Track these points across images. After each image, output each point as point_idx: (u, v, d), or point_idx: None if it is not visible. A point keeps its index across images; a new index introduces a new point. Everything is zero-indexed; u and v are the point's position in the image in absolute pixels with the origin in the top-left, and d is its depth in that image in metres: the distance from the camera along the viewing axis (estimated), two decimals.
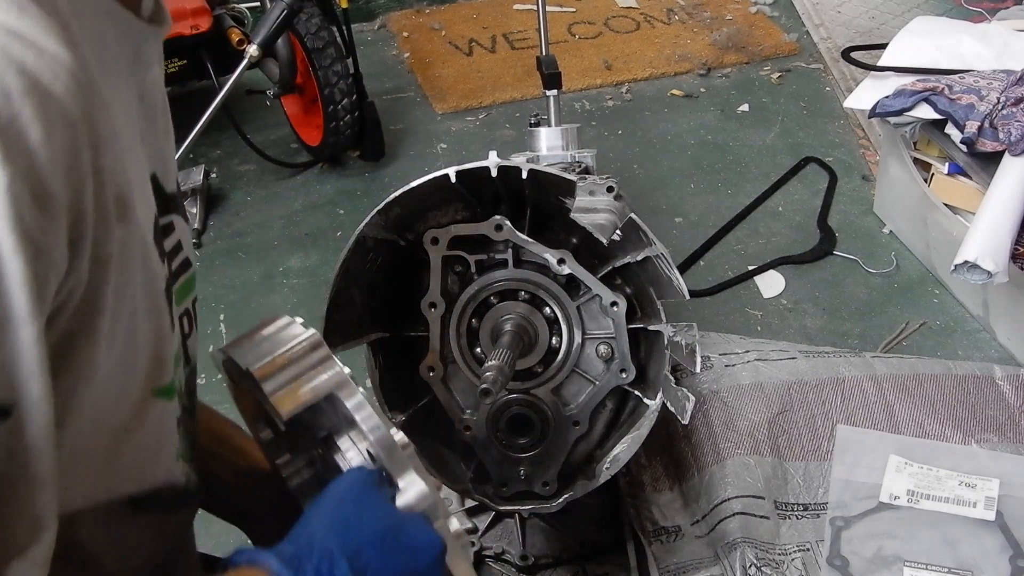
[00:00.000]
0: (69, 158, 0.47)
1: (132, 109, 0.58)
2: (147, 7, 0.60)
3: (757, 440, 1.51)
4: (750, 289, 2.06)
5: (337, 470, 0.61)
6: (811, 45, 2.88)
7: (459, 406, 1.42)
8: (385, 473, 0.59)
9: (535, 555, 1.52)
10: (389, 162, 2.48)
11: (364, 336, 1.37)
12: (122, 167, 0.52)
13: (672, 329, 1.30)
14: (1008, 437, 1.55)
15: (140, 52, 0.58)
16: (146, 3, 0.60)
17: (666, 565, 1.44)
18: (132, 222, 0.53)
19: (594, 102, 2.69)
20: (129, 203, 0.53)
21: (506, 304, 1.36)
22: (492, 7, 3.15)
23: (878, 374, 1.61)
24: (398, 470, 0.59)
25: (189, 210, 2.29)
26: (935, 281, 2.04)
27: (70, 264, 0.48)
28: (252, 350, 0.63)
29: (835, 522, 1.45)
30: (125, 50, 0.56)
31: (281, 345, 0.62)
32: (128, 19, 0.56)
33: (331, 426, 0.61)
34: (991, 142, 1.77)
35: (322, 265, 2.16)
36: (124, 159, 0.53)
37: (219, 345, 2.26)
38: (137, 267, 0.54)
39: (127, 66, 0.57)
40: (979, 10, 2.90)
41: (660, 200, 2.31)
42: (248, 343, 0.64)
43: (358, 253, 1.30)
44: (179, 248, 0.65)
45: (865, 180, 2.34)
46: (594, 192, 1.27)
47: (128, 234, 0.52)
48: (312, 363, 0.61)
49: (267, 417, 0.65)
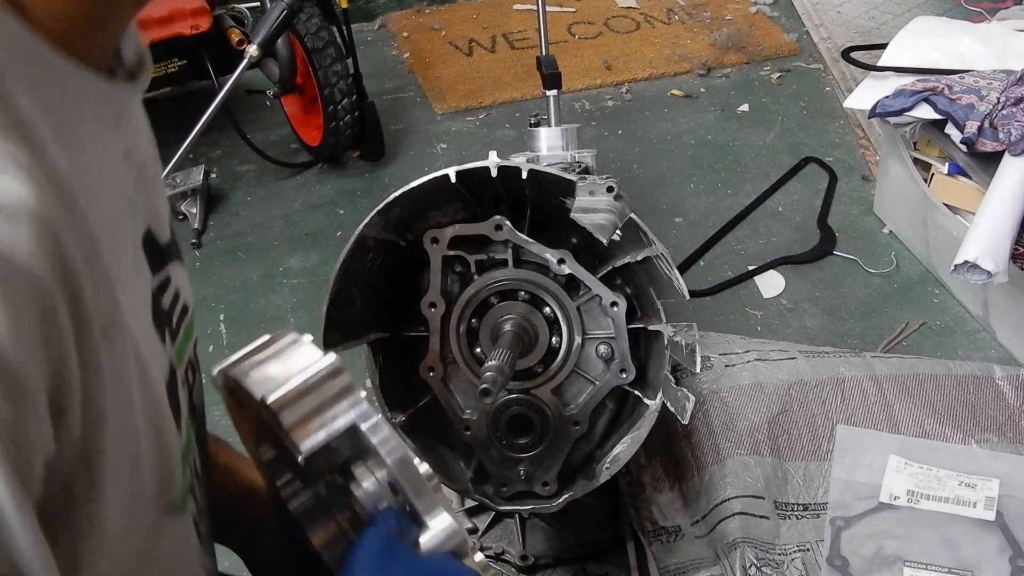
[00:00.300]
0: (44, 329, 0.41)
1: (118, 173, 0.53)
2: (128, 59, 0.55)
3: (757, 440, 1.51)
4: (750, 289, 2.06)
5: (347, 493, 0.59)
6: (811, 45, 2.88)
7: (459, 406, 1.42)
8: (409, 507, 0.57)
9: (535, 555, 1.53)
10: (389, 162, 2.48)
11: (364, 336, 1.37)
12: (107, 285, 0.47)
13: (672, 329, 1.30)
14: (1008, 437, 1.55)
15: (121, 114, 0.53)
16: (127, 56, 0.55)
17: (666, 565, 1.44)
18: (122, 337, 0.48)
19: (594, 102, 2.69)
20: (118, 323, 0.48)
21: (506, 304, 1.36)
22: (492, 7, 3.15)
23: (878, 374, 1.61)
24: (427, 507, 0.57)
25: (189, 210, 2.29)
26: (935, 281, 2.04)
27: (57, 433, 0.43)
28: (264, 375, 0.58)
29: (835, 522, 1.45)
30: (105, 113, 0.51)
31: (296, 371, 0.58)
32: (103, 87, 0.50)
33: (348, 455, 0.59)
34: (991, 142, 1.77)
35: (322, 265, 2.16)
36: (109, 268, 0.47)
37: (220, 345, 2.23)
38: (133, 383, 0.49)
39: (110, 127, 0.52)
40: (979, 10, 2.90)
41: (660, 200, 2.31)
42: (257, 366, 0.59)
43: (358, 253, 1.30)
44: (177, 298, 0.60)
45: (865, 180, 2.34)
46: (594, 192, 1.27)
47: (119, 352, 0.48)
48: (333, 393, 0.57)
49: (272, 440, 0.63)
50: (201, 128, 2.22)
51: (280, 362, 0.59)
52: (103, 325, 0.46)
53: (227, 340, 2.00)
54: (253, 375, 0.58)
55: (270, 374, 0.58)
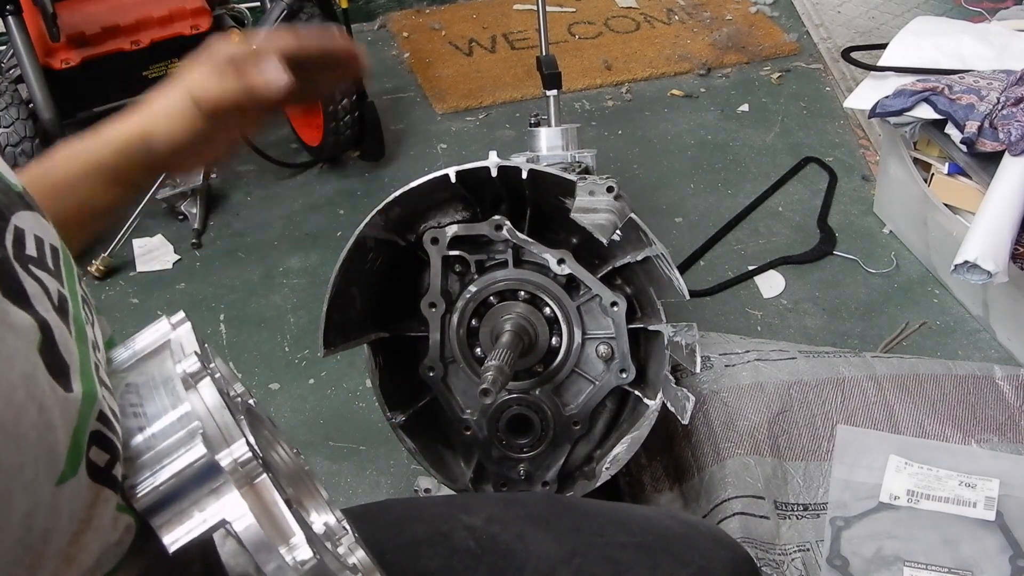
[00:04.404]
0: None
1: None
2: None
3: (757, 440, 1.51)
4: (750, 289, 2.06)
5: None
6: (811, 45, 2.88)
7: (459, 406, 1.42)
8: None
9: None
10: (389, 162, 2.48)
11: (364, 336, 1.37)
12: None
13: (672, 329, 1.30)
14: (1008, 437, 1.55)
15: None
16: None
17: None
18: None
19: (594, 102, 2.69)
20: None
21: (506, 304, 1.36)
22: (492, 7, 3.15)
23: (878, 374, 1.61)
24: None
25: (189, 210, 2.29)
26: (935, 281, 2.04)
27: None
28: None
29: (835, 522, 1.45)
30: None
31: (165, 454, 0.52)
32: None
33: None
34: (991, 142, 1.77)
35: (322, 265, 2.16)
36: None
37: (220, 345, 2.22)
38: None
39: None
40: (979, 10, 2.90)
41: (660, 200, 2.31)
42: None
43: (358, 253, 1.30)
44: (42, 242, 0.55)
45: (865, 180, 2.34)
46: (594, 192, 1.27)
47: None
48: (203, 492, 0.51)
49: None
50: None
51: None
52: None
53: (227, 340, 2.00)
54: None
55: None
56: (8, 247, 0.51)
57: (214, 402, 0.53)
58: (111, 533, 0.53)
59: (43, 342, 0.49)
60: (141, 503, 0.51)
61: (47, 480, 0.47)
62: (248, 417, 0.59)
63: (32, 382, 0.47)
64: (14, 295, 0.49)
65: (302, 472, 0.68)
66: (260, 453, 0.53)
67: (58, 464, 0.48)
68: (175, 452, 0.52)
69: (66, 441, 0.48)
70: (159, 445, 0.53)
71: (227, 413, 0.53)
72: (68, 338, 0.52)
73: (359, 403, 1.83)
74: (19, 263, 0.51)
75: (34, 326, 0.49)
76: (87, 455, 0.50)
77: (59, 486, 0.48)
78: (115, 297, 2.12)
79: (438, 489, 1.43)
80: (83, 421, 0.50)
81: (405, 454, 1.57)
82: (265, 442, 0.64)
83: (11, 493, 0.45)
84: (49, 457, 0.47)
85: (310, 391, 1.87)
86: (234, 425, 0.52)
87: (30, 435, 0.46)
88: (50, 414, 0.47)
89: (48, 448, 0.47)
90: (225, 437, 0.52)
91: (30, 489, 0.46)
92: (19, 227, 0.53)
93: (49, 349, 0.49)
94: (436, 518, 0.89)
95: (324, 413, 1.82)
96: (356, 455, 1.74)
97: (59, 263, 0.56)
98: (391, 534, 0.87)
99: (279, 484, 0.53)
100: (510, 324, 1.33)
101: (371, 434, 1.75)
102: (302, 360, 1.94)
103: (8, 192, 0.55)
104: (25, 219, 0.54)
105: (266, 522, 0.50)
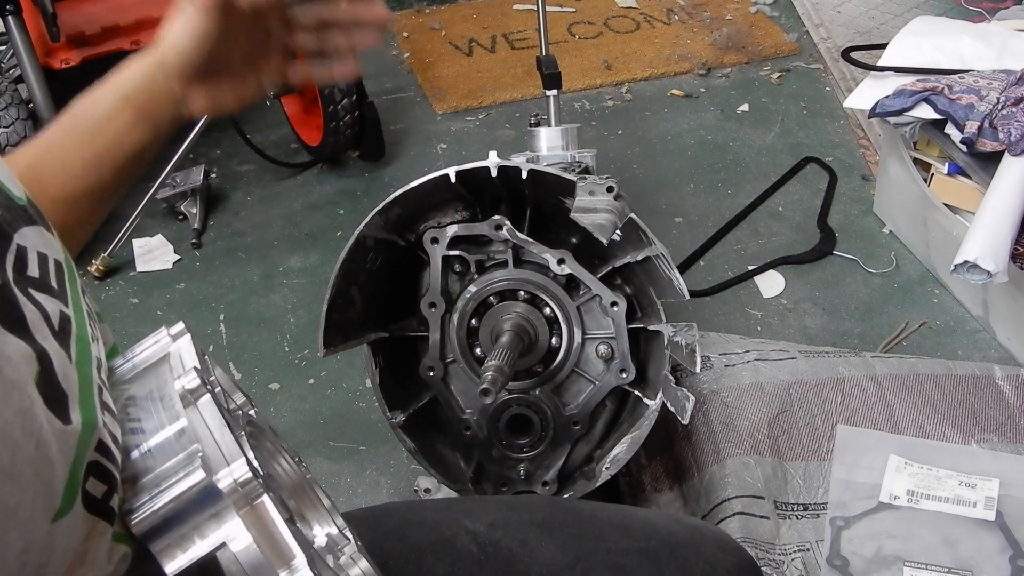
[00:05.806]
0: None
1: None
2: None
3: (757, 440, 1.51)
4: (750, 289, 2.06)
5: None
6: (811, 45, 2.88)
7: (459, 406, 1.42)
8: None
9: None
10: (389, 162, 2.48)
11: (364, 336, 1.37)
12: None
13: (672, 329, 1.30)
14: (1008, 437, 1.55)
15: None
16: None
17: None
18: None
19: (594, 102, 2.69)
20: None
21: (506, 304, 1.36)
22: (492, 7, 3.15)
23: (878, 374, 1.61)
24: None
25: (189, 210, 2.29)
26: (935, 281, 2.04)
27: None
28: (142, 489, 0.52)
29: (835, 522, 1.45)
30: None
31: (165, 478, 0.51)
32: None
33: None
34: (991, 142, 1.77)
35: (322, 265, 2.16)
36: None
37: (220, 345, 2.23)
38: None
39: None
40: (979, 10, 2.90)
41: (660, 200, 2.31)
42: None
43: (358, 253, 1.30)
44: (45, 259, 0.54)
45: (865, 180, 2.34)
46: (594, 192, 1.27)
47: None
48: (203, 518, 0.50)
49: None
50: (201, 128, 2.22)
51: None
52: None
53: (227, 340, 2.00)
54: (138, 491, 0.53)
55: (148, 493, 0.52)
56: (9, 271, 0.50)
57: (214, 420, 0.53)
58: (105, 566, 0.52)
59: (41, 373, 0.47)
60: (140, 527, 0.51)
61: (43, 518, 0.46)
62: (249, 430, 0.59)
63: (29, 417, 0.45)
64: (12, 324, 0.47)
65: (304, 482, 0.68)
66: (260, 471, 0.53)
67: (55, 501, 0.47)
68: (174, 475, 0.51)
69: (64, 476, 0.47)
70: (158, 466, 0.53)
71: (227, 431, 0.52)
72: (67, 365, 0.51)
73: (359, 403, 1.83)
74: (19, 287, 0.50)
75: (32, 356, 0.47)
76: (83, 487, 0.49)
77: (55, 523, 0.47)
78: (115, 297, 2.12)
79: (438, 489, 1.43)
80: (81, 452, 0.49)
81: (405, 454, 1.57)
82: (267, 454, 0.64)
83: (7, 533, 0.44)
84: (47, 494, 0.46)
85: (310, 391, 1.87)
86: (234, 443, 0.52)
87: (27, 472, 0.44)
88: (47, 449, 0.46)
89: (46, 484, 0.46)
90: (225, 457, 0.51)
91: (27, 527, 0.45)
92: (22, 246, 0.52)
93: (47, 380, 0.48)
94: (439, 523, 0.88)
95: (324, 413, 1.82)
96: (356, 455, 1.74)
97: (63, 279, 0.55)
98: (393, 540, 0.86)
99: (280, 501, 0.53)
100: (510, 324, 1.33)
101: (371, 434, 1.75)
102: (302, 360, 1.94)
103: (11, 207, 0.54)
104: (28, 236, 0.53)
105: (266, 545, 0.50)
